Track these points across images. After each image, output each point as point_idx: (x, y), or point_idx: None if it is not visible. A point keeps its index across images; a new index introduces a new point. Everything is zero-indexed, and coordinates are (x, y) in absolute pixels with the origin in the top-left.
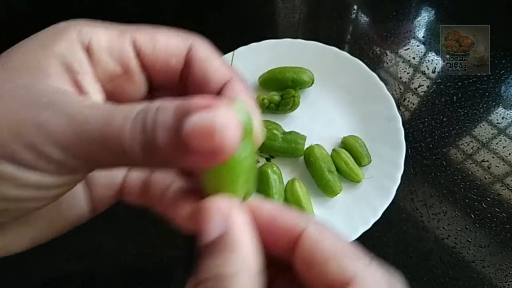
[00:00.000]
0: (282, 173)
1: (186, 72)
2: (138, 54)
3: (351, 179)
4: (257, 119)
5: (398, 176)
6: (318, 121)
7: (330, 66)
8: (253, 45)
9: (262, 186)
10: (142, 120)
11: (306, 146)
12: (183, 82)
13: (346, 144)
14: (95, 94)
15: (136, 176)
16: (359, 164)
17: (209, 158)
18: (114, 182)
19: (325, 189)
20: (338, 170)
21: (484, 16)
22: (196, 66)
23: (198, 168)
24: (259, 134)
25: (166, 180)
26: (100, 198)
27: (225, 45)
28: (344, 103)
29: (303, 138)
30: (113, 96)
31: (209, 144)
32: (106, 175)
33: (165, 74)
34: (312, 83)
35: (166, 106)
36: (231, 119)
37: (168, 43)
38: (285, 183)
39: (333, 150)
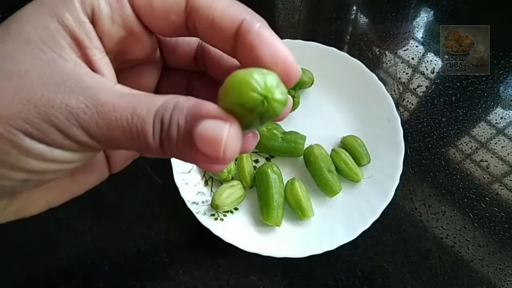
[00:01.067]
0: (282, 173)
1: (191, 24)
2: (137, 15)
3: (350, 179)
4: (282, 61)
5: (397, 176)
6: (318, 121)
7: (329, 66)
8: None
9: (262, 186)
10: (161, 116)
11: (305, 146)
12: (191, 34)
13: (345, 144)
14: (105, 69)
15: None
16: (359, 164)
17: (211, 160)
18: None
19: (324, 189)
20: (338, 170)
21: (484, 16)
22: (199, 16)
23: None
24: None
25: None
26: (116, 161)
27: None
28: (343, 104)
29: (303, 138)
30: (120, 55)
31: (214, 152)
32: None
33: (169, 30)
34: (312, 83)
35: (181, 106)
36: (235, 135)
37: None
38: (285, 182)
39: (333, 150)
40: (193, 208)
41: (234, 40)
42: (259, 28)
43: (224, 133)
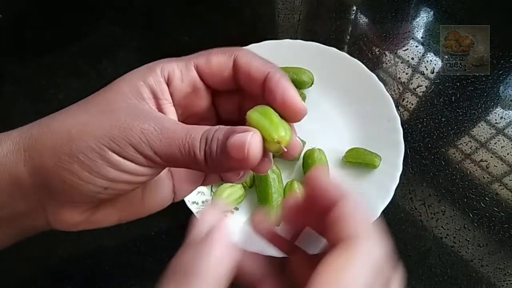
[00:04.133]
0: (282, 174)
1: (237, 77)
2: (200, 75)
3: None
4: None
5: (397, 176)
6: (318, 121)
7: (329, 66)
8: (253, 45)
9: (261, 185)
10: (206, 135)
11: (306, 148)
12: (237, 85)
13: (351, 157)
14: (170, 114)
15: None
16: (374, 166)
17: (240, 163)
18: (194, 175)
19: None
20: None
21: (483, 16)
22: (242, 71)
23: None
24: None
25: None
26: (180, 189)
27: (225, 46)
28: (343, 104)
29: (302, 142)
30: (187, 108)
31: (240, 154)
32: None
33: (222, 84)
34: (312, 83)
35: (222, 128)
36: (256, 140)
37: (219, 62)
38: (284, 183)
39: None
40: (193, 208)
41: (263, 86)
42: (279, 78)
43: (247, 138)
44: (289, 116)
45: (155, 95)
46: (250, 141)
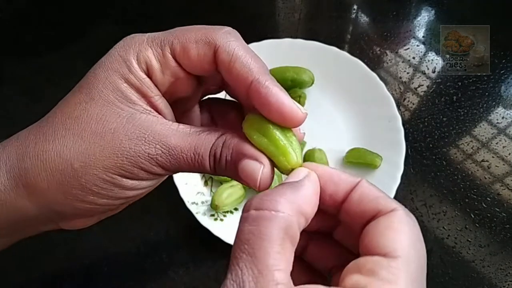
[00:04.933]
0: (282, 174)
1: (219, 71)
2: (179, 64)
3: None
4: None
5: (398, 176)
6: (318, 121)
7: (330, 66)
8: (254, 44)
9: None
10: (213, 153)
11: (307, 148)
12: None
13: (353, 157)
14: (164, 108)
15: None
16: (375, 166)
17: (250, 185)
18: None
19: None
20: None
21: (484, 16)
22: (224, 69)
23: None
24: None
25: None
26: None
27: None
28: (344, 103)
29: (302, 144)
30: (173, 94)
31: (253, 184)
32: None
33: (204, 72)
34: (312, 83)
35: (228, 144)
36: (268, 173)
37: (198, 54)
38: None
39: None
40: (192, 209)
41: (248, 90)
42: (267, 85)
43: (259, 173)
44: (289, 125)
45: (143, 94)
46: (263, 175)
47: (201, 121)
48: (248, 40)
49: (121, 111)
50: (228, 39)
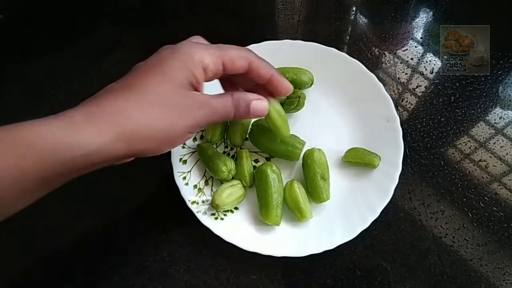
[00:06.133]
0: (282, 174)
1: (248, 73)
2: (224, 69)
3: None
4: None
5: (396, 176)
6: (317, 121)
7: (329, 66)
8: (253, 46)
9: (261, 185)
10: (235, 103)
11: (306, 148)
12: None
13: (351, 157)
14: (203, 90)
15: None
16: (373, 165)
17: (257, 116)
18: None
19: (312, 194)
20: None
21: (483, 17)
22: (253, 73)
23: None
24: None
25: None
26: None
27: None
28: (343, 104)
29: (302, 143)
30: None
31: (259, 114)
32: None
33: (238, 73)
34: (312, 83)
35: (243, 99)
36: (265, 106)
37: (240, 64)
38: (284, 183)
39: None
40: (193, 208)
41: (268, 81)
42: (279, 78)
43: (263, 106)
44: (287, 93)
45: (196, 80)
46: (266, 106)
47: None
48: (248, 41)
49: (189, 92)
50: (254, 56)
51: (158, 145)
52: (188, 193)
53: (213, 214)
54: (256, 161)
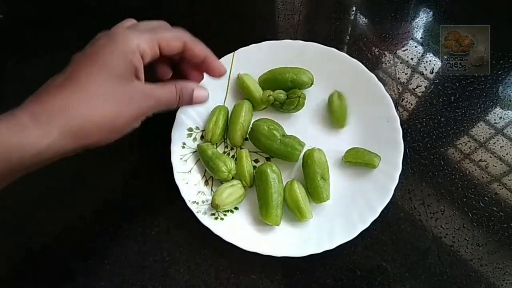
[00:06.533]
0: (282, 174)
1: (183, 53)
2: (161, 51)
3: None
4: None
5: (396, 176)
6: (317, 121)
7: (329, 67)
8: (253, 46)
9: (262, 185)
10: (179, 93)
11: (306, 148)
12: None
13: (351, 158)
14: (143, 78)
15: None
16: (373, 165)
17: (199, 103)
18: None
19: (312, 194)
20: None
21: (483, 17)
22: (188, 52)
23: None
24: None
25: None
26: None
27: (225, 46)
28: None
29: (301, 144)
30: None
31: (200, 101)
32: None
33: (174, 54)
34: (312, 83)
35: (185, 87)
36: (205, 94)
37: (175, 45)
38: (284, 183)
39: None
40: (193, 208)
41: (202, 62)
42: (213, 59)
43: (203, 93)
44: (221, 74)
45: (136, 69)
46: (207, 94)
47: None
48: (248, 41)
49: (131, 83)
50: (189, 36)
51: (105, 137)
52: (188, 193)
53: (213, 214)
54: (256, 161)
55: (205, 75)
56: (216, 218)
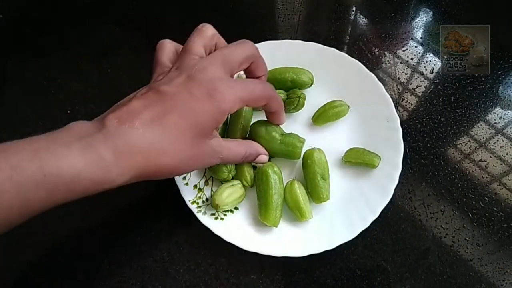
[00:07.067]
0: (283, 173)
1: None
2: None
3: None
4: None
5: (396, 176)
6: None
7: (329, 67)
8: None
9: (262, 186)
10: (245, 157)
11: (306, 148)
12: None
13: (351, 157)
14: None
15: None
16: (373, 165)
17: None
18: None
19: (312, 194)
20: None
21: (483, 17)
22: (265, 106)
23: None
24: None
25: None
26: None
27: None
28: None
29: (302, 141)
30: None
31: (260, 164)
32: None
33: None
34: (312, 83)
35: (252, 154)
36: (266, 159)
37: (260, 104)
38: (284, 182)
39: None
40: (193, 208)
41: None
42: (276, 101)
43: (265, 159)
44: (276, 123)
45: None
46: (265, 160)
47: None
48: None
49: (208, 141)
50: (272, 91)
51: (163, 177)
52: (188, 193)
53: (213, 214)
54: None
55: None
56: (216, 218)
